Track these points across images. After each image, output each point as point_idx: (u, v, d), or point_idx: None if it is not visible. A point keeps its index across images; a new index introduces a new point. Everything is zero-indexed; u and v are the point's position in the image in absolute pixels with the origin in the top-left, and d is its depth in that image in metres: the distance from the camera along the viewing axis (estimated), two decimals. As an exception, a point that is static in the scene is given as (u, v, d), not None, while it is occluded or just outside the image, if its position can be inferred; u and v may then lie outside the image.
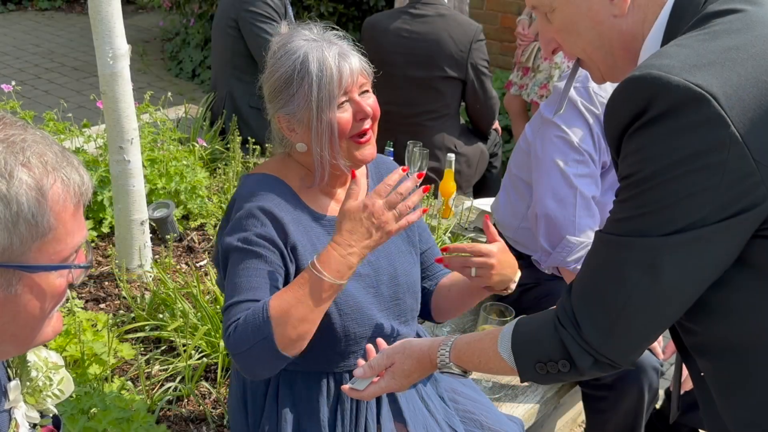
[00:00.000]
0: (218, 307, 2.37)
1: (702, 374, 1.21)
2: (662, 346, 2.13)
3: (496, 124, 3.78)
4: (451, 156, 3.11)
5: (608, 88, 2.11)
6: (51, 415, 1.14)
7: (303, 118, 1.53)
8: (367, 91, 1.60)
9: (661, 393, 2.39)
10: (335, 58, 1.51)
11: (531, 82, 4.55)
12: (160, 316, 2.41)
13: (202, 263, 2.84)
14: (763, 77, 1.01)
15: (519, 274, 1.63)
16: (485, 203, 3.12)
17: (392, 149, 3.27)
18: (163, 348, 2.34)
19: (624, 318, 1.10)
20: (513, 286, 1.63)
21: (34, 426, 1.10)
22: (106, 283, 2.67)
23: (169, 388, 2.16)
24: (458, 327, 2.52)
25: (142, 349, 2.30)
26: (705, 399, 1.21)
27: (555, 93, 2.18)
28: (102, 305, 2.56)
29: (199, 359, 2.25)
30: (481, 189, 3.74)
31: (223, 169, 3.36)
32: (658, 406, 2.46)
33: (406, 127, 3.37)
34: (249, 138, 3.46)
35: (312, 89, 1.50)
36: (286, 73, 1.52)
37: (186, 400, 2.17)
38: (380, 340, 1.52)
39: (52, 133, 3.16)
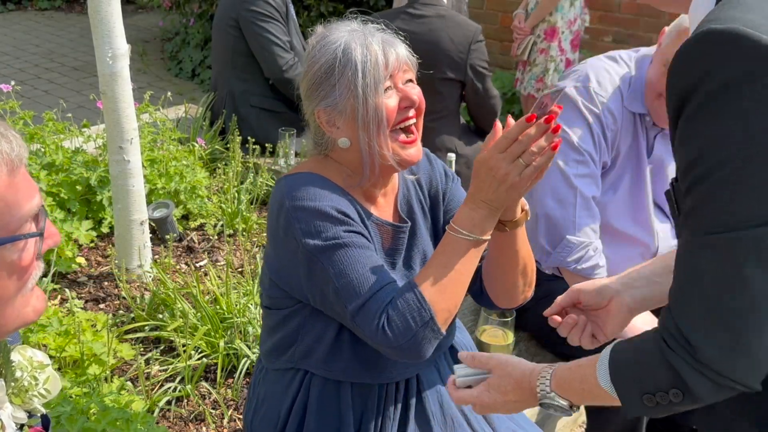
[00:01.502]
0: (218, 307, 2.37)
1: None
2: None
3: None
4: (452, 156, 3.10)
5: (609, 88, 2.11)
6: (39, 414, 1.11)
7: (346, 107, 1.46)
8: (411, 80, 1.54)
9: (662, 393, 2.38)
10: (380, 43, 1.48)
11: (527, 75, 4.56)
12: (160, 316, 2.41)
13: (201, 263, 2.84)
14: None
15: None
16: None
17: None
18: (162, 348, 2.34)
19: (750, 328, 0.94)
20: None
21: (22, 427, 1.08)
22: (106, 283, 2.67)
23: (169, 388, 2.16)
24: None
25: (142, 349, 2.30)
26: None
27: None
28: (102, 305, 2.56)
29: (198, 359, 2.25)
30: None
31: (223, 169, 3.36)
32: (658, 406, 2.45)
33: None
34: (249, 138, 3.46)
35: (357, 75, 1.44)
36: (327, 63, 1.46)
37: (186, 400, 2.16)
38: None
39: (52, 133, 3.16)
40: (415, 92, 1.52)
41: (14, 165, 0.89)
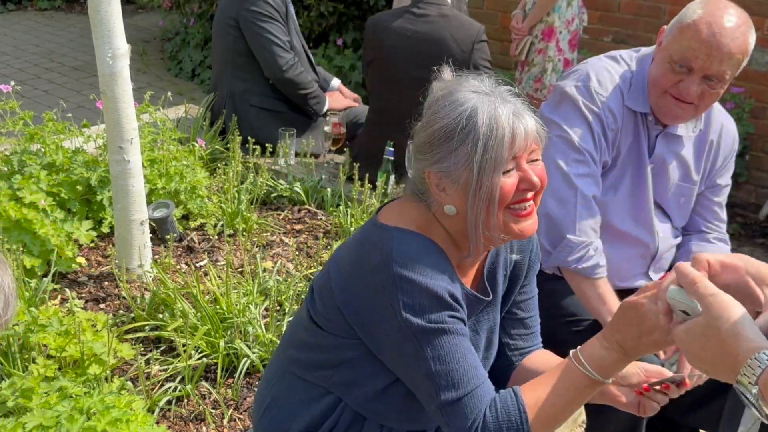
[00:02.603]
0: (218, 307, 2.37)
1: None
2: (663, 347, 2.12)
3: None
4: (452, 156, 3.11)
5: (609, 87, 2.11)
6: None
7: (459, 178, 1.36)
8: (537, 159, 1.41)
9: (662, 393, 2.38)
10: (509, 117, 1.35)
11: (525, 75, 4.57)
12: (160, 316, 2.41)
13: (202, 263, 2.84)
14: None
15: None
16: None
17: (392, 149, 3.27)
18: (163, 348, 2.34)
19: None
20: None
21: None
22: (106, 283, 2.67)
23: (169, 388, 2.16)
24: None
25: (142, 349, 2.30)
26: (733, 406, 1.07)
27: (556, 92, 2.17)
28: (102, 305, 2.55)
29: (199, 359, 2.25)
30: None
31: (223, 169, 3.36)
32: (658, 406, 2.45)
33: (407, 128, 3.36)
34: (249, 138, 3.46)
35: (477, 148, 1.33)
36: (449, 126, 1.36)
37: (186, 400, 2.16)
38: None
39: (52, 133, 3.16)
40: (538, 171, 1.41)
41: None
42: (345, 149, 3.62)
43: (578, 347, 1.36)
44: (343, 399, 1.54)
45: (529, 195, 1.41)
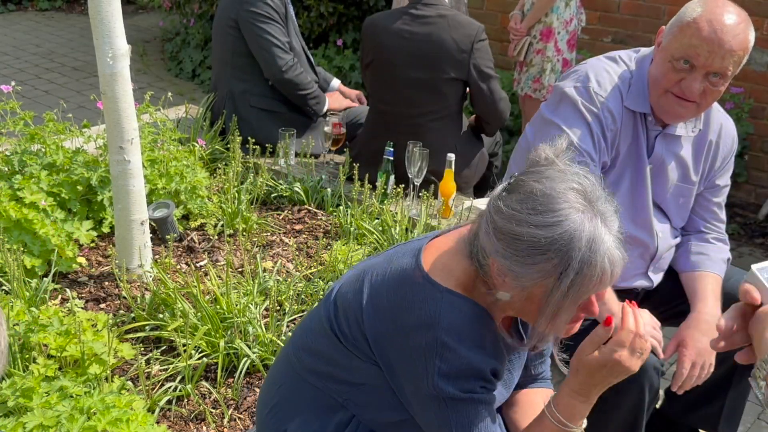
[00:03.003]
0: (218, 307, 2.37)
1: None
2: (662, 346, 2.13)
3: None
4: (451, 156, 3.11)
5: (608, 88, 2.11)
6: None
7: (526, 286, 1.29)
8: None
9: (662, 393, 2.39)
10: (605, 255, 1.23)
11: (524, 76, 4.58)
12: (160, 316, 2.41)
13: (202, 263, 2.84)
14: None
15: None
16: (485, 203, 3.12)
17: (392, 149, 3.27)
18: (163, 348, 2.34)
19: None
20: None
21: None
22: (106, 283, 2.67)
23: (169, 388, 2.16)
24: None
25: (142, 349, 2.30)
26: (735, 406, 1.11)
27: (555, 93, 2.17)
28: (102, 305, 2.56)
29: (199, 359, 2.25)
30: (481, 189, 3.74)
31: (223, 169, 3.36)
32: (658, 406, 2.46)
33: (406, 128, 3.37)
34: (249, 138, 3.47)
35: (560, 282, 1.25)
36: (540, 242, 1.24)
37: (186, 400, 2.17)
38: None
39: (53, 133, 3.16)
40: (602, 296, 1.36)
41: None
42: (345, 149, 3.63)
43: (551, 402, 1.41)
44: (357, 416, 1.52)
45: (581, 322, 1.41)
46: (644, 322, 1.34)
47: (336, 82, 4.18)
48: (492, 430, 1.40)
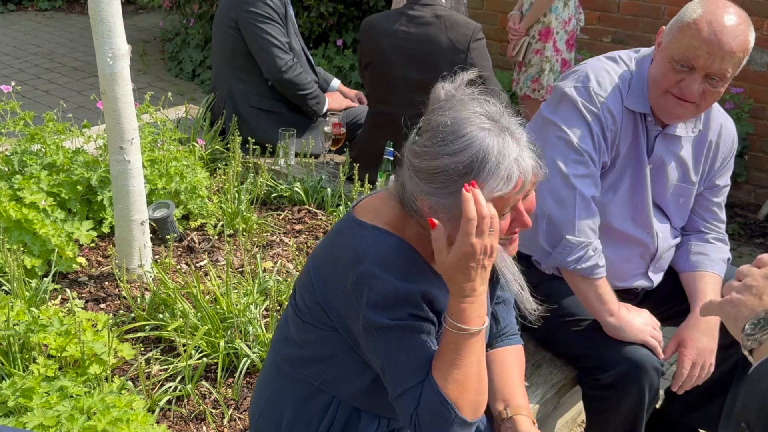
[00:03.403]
0: (218, 307, 2.37)
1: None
2: (662, 346, 2.13)
3: None
4: (451, 156, 3.11)
5: (608, 88, 2.11)
6: None
7: (453, 215, 1.36)
8: (532, 191, 1.43)
9: (662, 393, 2.39)
10: (509, 163, 1.33)
11: (523, 76, 4.58)
12: (160, 316, 2.42)
13: (202, 263, 2.84)
14: None
15: None
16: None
17: (392, 149, 3.27)
18: (163, 348, 2.34)
19: None
20: None
21: None
22: (106, 283, 2.67)
23: (169, 388, 2.16)
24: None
25: (142, 349, 2.30)
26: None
27: (555, 93, 2.17)
28: (102, 305, 2.56)
29: (199, 359, 2.25)
30: (481, 189, 3.74)
31: (223, 169, 3.36)
32: (658, 406, 2.46)
33: (405, 128, 3.37)
34: (249, 138, 3.47)
35: None
36: (455, 168, 1.34)
37: (186, 400, 2.17)
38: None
39: (53, 134, 3.16)
40: (530, 206, 1.43)
41: None
42: (345, 149, 3.62)
43: (446, 313, 1.41)
44: (336, 396, 1.56)
45: (516, 235, 1.46)
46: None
47: (336, 82, 4.18)
48: (421, 360, 1.40)
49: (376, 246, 1.42)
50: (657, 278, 2.33)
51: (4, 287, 2.47)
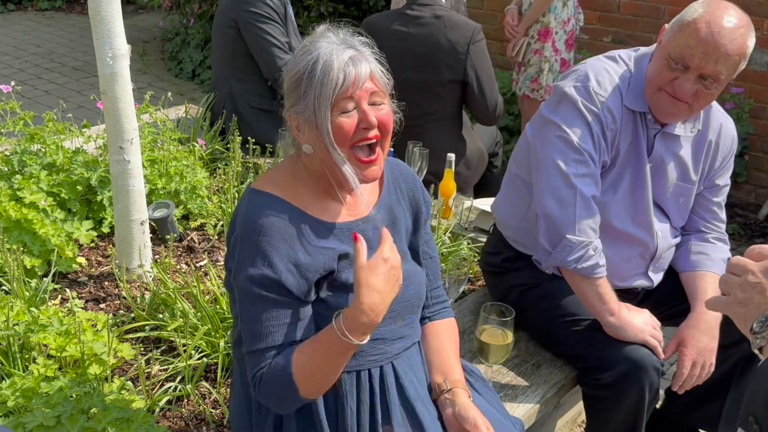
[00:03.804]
0: (218, 307, 2.37)
1: None
2: (662, 346, 2.13)
3: None
4: (451, 156, 3.10)
5: (608, 87, 2.11)
6: None
7: (309, 119, 1.51)
8: (381, 104, 1.56)
9: (662, 393, 2.39)
10: (343, 61, 1.49)
11: (522, 76, 4.58)
12: (160, 316, 2.41)
13: (202, 263, 2.84)
14: None
15: None
16: (485, 203, 3.12)
17: (392, 149, 3.27)
18: (163, 348, 2.34)
19: None
20: None
21: None
22: (106, 283, 2.67)
23: (169, 388, 2.16)
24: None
25: (142, 349, 2.30)
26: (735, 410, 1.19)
27: (555, 93, 2.17)
28: (102, 305, 2.56)
29: (199, 359, 2.25)
30: (481, 189, 3.74)
31: (223, 169, 3.36)
32: (658, 406, 2.46)
33: (405, 129, 3.34)
34: (249, 138, 3.46)
35: (314, 90, 1.49)
36: (299, 73, 1.52)
37: (186, 400, 2.17)
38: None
39: (53, 133, 3.16)
40: (381, 114, 1.55)
41: None
42: (345, 149, 3.61)
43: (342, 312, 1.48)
44: None
45: (371, 134, 1.53)
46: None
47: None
48: (270, 327, 1.50)
49: (249, 208, 1.53)
50: (657, 278, 2.33)
51: (4, 287, 2.47)
